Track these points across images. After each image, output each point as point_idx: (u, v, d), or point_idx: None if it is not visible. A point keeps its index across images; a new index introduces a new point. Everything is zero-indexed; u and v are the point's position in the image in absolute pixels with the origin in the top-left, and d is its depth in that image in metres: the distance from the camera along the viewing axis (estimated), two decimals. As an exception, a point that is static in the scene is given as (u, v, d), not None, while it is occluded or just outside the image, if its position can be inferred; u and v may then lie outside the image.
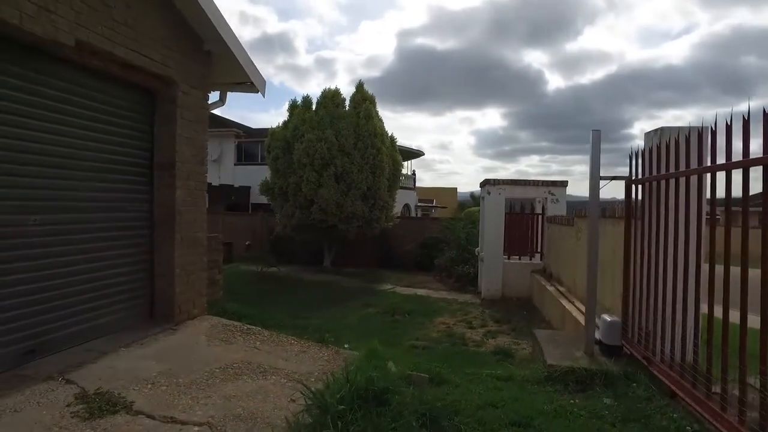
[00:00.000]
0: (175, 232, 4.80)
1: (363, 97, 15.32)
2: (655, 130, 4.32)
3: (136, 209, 4.71)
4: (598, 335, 4.68)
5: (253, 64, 5.66)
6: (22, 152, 3.50)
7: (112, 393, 3.13)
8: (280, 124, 15.50)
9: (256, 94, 6.13)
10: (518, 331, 7.05)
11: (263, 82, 5.95)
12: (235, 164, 24.01)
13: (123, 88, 4.44)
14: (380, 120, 15.47)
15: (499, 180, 9.93)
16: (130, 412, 2.92)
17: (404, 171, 31.64)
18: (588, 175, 4.72)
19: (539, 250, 10.10)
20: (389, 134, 16.13)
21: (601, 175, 4.68)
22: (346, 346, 5.65)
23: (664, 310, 3.86)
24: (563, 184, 9.98)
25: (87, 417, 2.81)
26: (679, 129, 3.88)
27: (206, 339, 4.48)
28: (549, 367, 4.24)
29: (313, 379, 3.73)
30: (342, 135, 14.12)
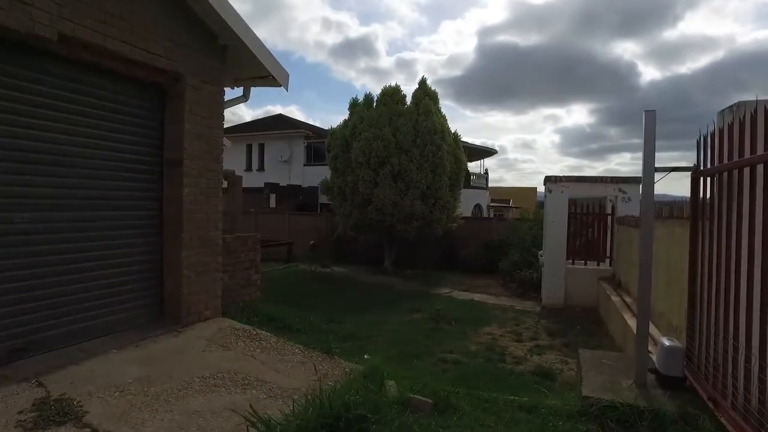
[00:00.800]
0: (183, 231, 4.66)
1: (424, 93, 14.81)
2: (730, 107, 3.38)
3: (145, 207, 4.64)
4: (655, 361, 3.82)
5: (273, 56, 5.42)
6: (7, 149, 3.47)
7: (72, 401, 2.96)
8: (341, 123, 15.43)
9: (331, 97, 5.90)
10: (572, 347, 6.16)
11: (285, 75, 5.70)
12: (304, 165, 24.52)
13: (128, 83, 4.37)
14: (441, 116, 14.85)
15: (561, 177, 8.91)
16: (78, 425, 2.71)
17: (477, 170, 30.60)
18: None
19: (609, 254, 8.94)
20: (452, 131, 15.45)
21: (657, 166, 3.81)
22: (366, 356, 5.22)
23: (736, 335, 2.98)
24: (636, 180, 8.71)
25: (31, 427, 2.64)
26: (756, 102, 2.95)
27: (206, 343, 4.27)
28: (583, 399, 3.48)
29: (296, 396, 3.34)
30: (400, 132, 13.71)
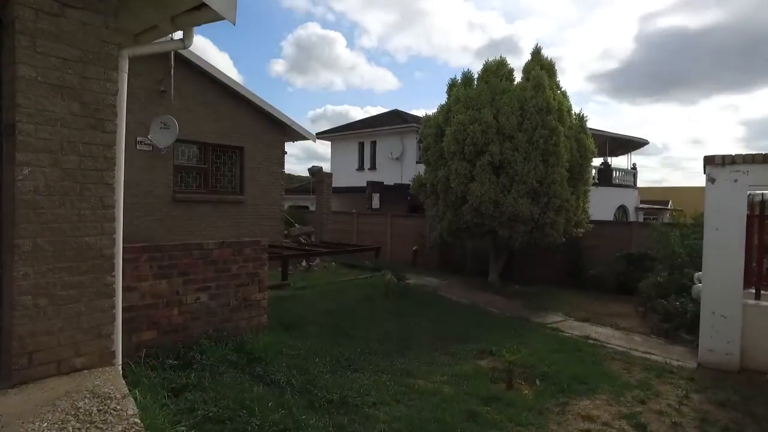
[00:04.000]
0: (17, 235, 2.99)
1: (537, 64, 11.73)
2: None
3: (-21, 199, 3.09)
4: None
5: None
6: None
7: None
8: (437, 108, 13.07)
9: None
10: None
11: (227, 1, 3.74)
12: (417, 162, 22.58)
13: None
14: (559, 92, 11.63)
15: (733, 156, 5.42)
16: None
17: (624, 166, 25.33)
18: None
19: (832, 287, 5.18)
20: (577, 111, 12.10)
21: None
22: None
23: None
24: None
25: None
26: None
27: (-12, 430, 2.49)
28: None
29: None
30: (502, 114, 10.92)
